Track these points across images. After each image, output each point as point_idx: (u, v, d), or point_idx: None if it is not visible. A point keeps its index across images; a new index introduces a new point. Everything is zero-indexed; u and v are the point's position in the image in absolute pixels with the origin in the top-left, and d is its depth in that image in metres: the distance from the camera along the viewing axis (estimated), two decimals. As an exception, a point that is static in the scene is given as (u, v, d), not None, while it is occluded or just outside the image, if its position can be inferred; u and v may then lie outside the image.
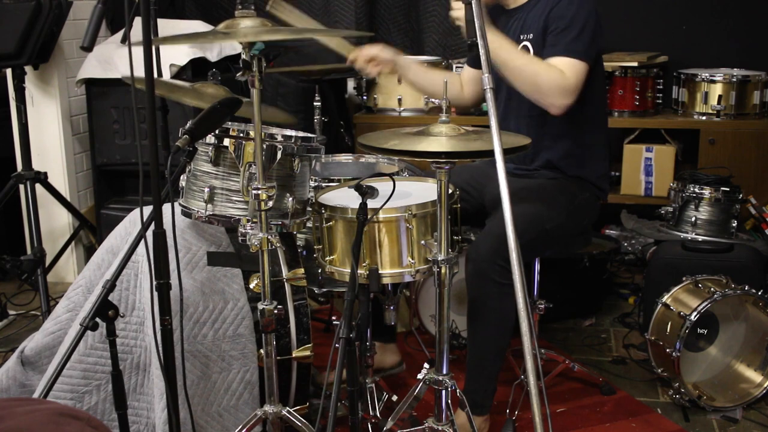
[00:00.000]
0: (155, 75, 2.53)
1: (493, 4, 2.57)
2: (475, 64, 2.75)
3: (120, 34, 3.82)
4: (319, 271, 2.29)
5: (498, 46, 2.28)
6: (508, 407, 2.57)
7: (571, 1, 2.40)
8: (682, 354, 2.60)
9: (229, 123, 2.18)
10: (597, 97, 2.54)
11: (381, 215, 2.07)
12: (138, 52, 1.66)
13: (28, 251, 3.64)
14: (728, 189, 3.29)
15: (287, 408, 2.10)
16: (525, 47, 2.47)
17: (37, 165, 3.56)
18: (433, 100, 3.90)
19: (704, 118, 3.77)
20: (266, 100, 3.56)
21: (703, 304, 2.60)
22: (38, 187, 3.50)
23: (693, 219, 3.31)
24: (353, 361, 1.90)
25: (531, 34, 2.46)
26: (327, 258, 2.19)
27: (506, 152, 1.80)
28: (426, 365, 2.15)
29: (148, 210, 1.76)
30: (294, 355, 2.23)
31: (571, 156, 2.53)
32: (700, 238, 3.28)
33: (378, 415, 2.40)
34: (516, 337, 1.87)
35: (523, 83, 2.34)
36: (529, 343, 1.70)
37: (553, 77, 2.31)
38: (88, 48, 2.50)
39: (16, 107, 3.49)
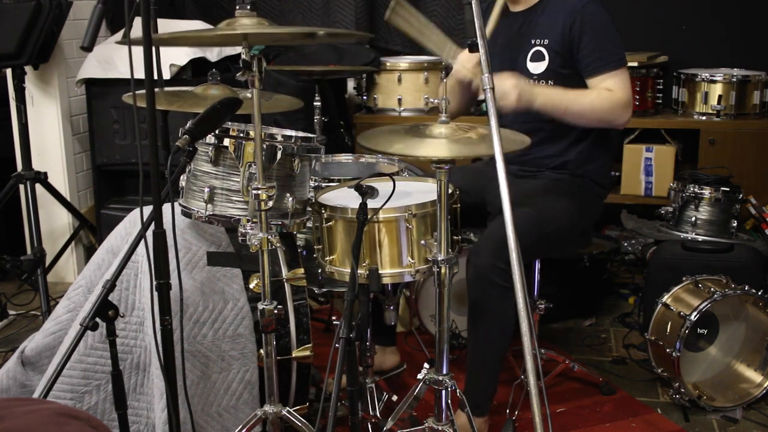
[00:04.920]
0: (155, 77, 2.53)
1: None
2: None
3: (120, 34, 3.82)
4: (319, 271, 2.29)
5: (558, 97, 2.35)
6: (508, 407, 2.57)
7: (592, 10, 2.41)
8: (682, 354, 2.60)
9: (229, 123, 2.18)
10: None
11: (381, 215, 2.07)
12: (138, 52, 1.66)
13: (28, 251, 3.64)
14: (728, 189, 3.29)
15: (287, 408, 2.10)
16: (538, 52, 2.47)
17: (37, 165, 3.56)
18: (433, 100, 3.90)
19: (704, 118, 3.77)
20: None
21: (703, 304, 2.60)
22: (38, 187, 3.50)
23: (693, 219, 3.31)
24: (353, 361, 1.91)
25: (546, 40, 2.45)
26: (327, 258, 2.19)
27: (507, 154, 1.81)
28: (426, 365, 2.15)
29: (148, 210, 1.76)
30: (294, 355, 2.23)
31: (576, 155, 2.53)
32: (700, 238, 3.28)
33: (378, 415, 2.40)
34: (516, 337, 1.87)
35: (588, 121, 2.42)
36: (529, 343, 1.70)
37: (608, 103, 2.37)
38: (88, 48, 2.49)
39: (16, 107, 3.49)
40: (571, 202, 2.48)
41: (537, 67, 2.47)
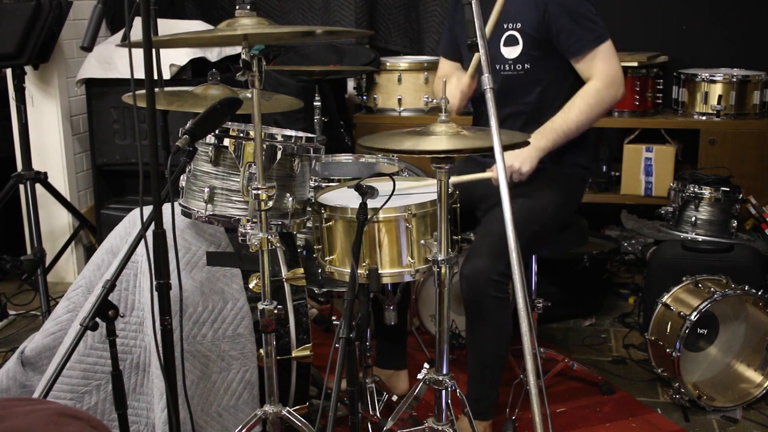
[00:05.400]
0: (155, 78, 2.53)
1: None
2: (451, 53, 2.72)
3: (120, 34, 3.82)
4: (319, 271, 2.29)
5: (553, 134, 2.36)
6: (508, 407, 2.57)
7: None
8: (682, 354, 2.60)
9: (229, 123, 2.18)
10: (580, 83, 2.50)
11: (381, 215, 2.07)
12: (138, 52, 1.66)
13: (28, 251, 3.64)
14: (728, 189, 3.29)
15: (287, 408, 2.10)
16: (512, 37, 2.45)
17: (37, 165, 3.56)
18: (433, 99, 3.90)
19: (704, 118, 3.77)
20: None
21: (703, 304, 2.60)
22: (38, 187, 3.50)
23: (693, 219, 3.31)
24: (353, 361, 1.90)
25: (519, 24, 2.44)
26: (327, 258, 2.19)
27: (505, 149, 1.81)
28: (426, 365, 2.15)
29: (148, 210, 1.76)
30: (294, 355, 2.23)
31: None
32: (700, 238, 3.28)
33: (378, 415, 2.40)
34: (516, 336, 1.87)
35: (592, 123, 2.42)
36: (528, 343, 1.70)
37: (594, 99, 2.38)
38: (88, 48, 2.49)
39: (16, 107, 3.49)
40: (555, 192, 2.47)
41: (511, 52, 2.46)
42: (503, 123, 2.45)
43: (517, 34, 2.44)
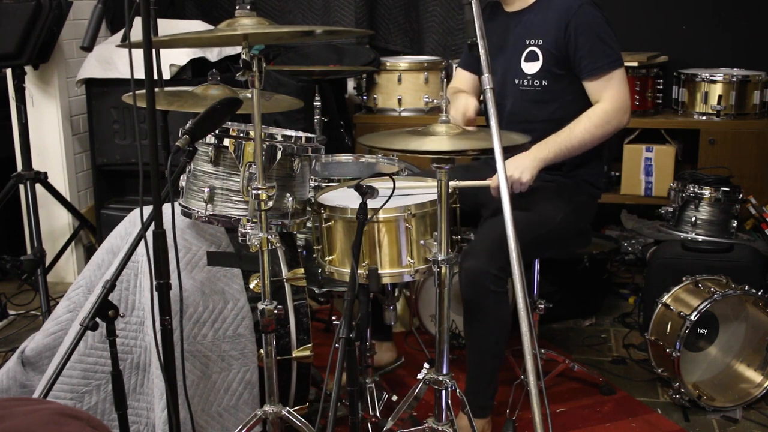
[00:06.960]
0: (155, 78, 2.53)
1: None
2: (469, 66, 2.74)
3: (120, 34, 3.82)
4: (319, 271, 2.29)
5: (555, 147, 2.35)
6: (508, 407, 2.57)
7: (587, 11, 2.40)
8: (682, 354, 2.60)
9: (229, 123, 2.18)
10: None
11: (380, 215, 2.07)
12: (138, 52, 1.66)
13: (28, 251, 3.64)
14: (728, 189, 3.29)
15: (287, 408, 2.10)
16: (533, 53, 2.47)
17: (37, 165, 3.57)
18: (433, 100, 3.90)
19: (704, 118, 3.77)
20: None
21: (703, 304, 2.60)
22: (38, 187, 3.50)
23: (693, 219, 3.31)
24: (353, 361, 1.91)
25: (540, 41, 2.46)
26: (327, 258, 2.20)
27: (506, 150, 1.81)
28: (426, 365, 2.15)
29: (148, 210, 1.76)
30: (294, 355, 2.24)
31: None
32: (700, 238, 3.28)
33: (378, 415, 2.40)
34: (516, 337, 1.87)
35: (594, 144, 2.42)
36: (529, 343, 1.70)
37: (601, 120, 2.38)
38: (88, 48, 2.50)
39: (16, 107, 3.49)
40: (565, 203, 2.48)
41: (531, 68, 2.47)
42: None
43: (538, 51, 2.46)
